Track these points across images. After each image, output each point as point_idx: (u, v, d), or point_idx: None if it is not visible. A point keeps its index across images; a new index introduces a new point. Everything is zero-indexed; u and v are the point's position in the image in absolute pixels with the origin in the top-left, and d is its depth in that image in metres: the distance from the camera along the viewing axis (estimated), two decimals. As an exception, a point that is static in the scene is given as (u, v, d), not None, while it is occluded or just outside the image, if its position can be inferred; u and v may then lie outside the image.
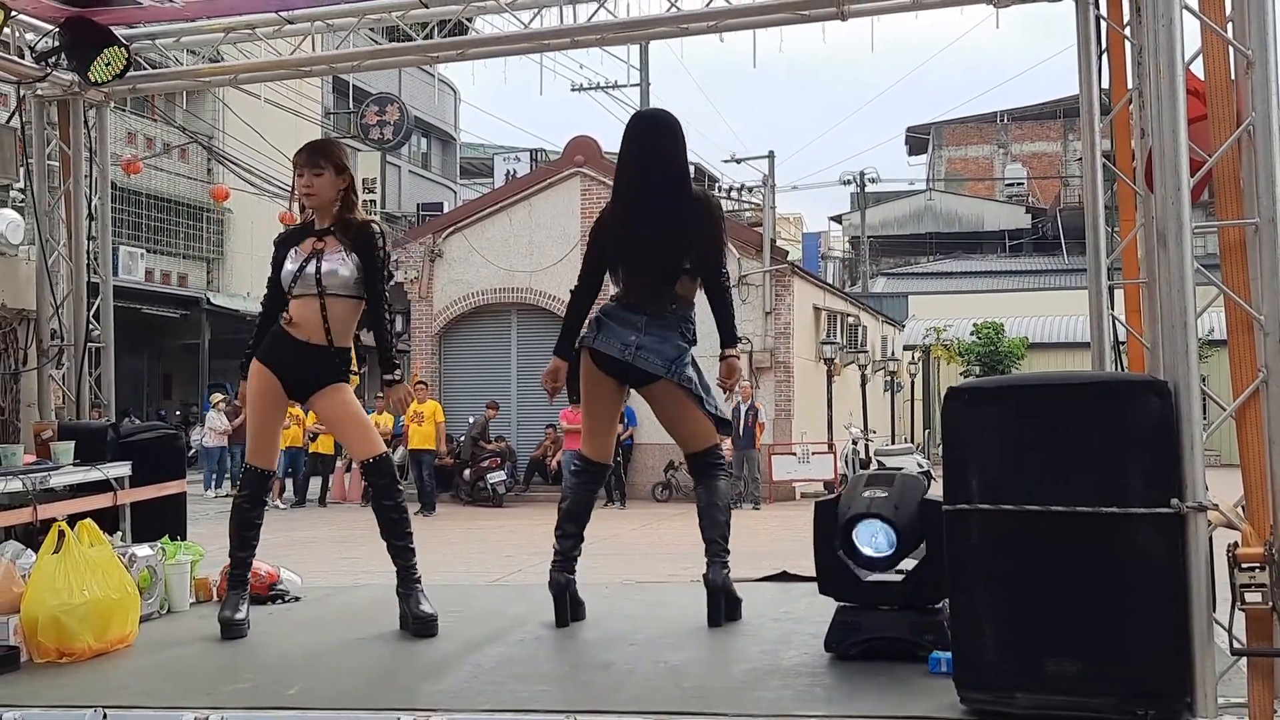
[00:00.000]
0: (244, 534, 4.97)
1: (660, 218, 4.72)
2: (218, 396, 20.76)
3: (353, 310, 4.88)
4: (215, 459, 20.48)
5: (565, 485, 5.15)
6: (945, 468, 3.49)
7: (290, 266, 4.84)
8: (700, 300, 4.82)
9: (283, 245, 4.96)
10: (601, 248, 4.90)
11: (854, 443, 20.81)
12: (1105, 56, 5.12)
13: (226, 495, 18.53)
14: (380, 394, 19.67)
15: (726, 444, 5.55)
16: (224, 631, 4.75)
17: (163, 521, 5.89)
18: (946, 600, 3.66)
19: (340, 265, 4.80)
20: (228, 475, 19.98)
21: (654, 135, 4.84)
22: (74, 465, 5.59)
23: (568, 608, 4.84)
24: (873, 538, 4.12)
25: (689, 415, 4.85)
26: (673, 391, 4.78)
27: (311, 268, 4.79)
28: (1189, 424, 3.23)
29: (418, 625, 4.73)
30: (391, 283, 5.28)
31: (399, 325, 23.07)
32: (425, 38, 6.27)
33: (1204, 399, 3.37)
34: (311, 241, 4.86)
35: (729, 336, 4.85)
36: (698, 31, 6.00)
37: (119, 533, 5.68)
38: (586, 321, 4.90)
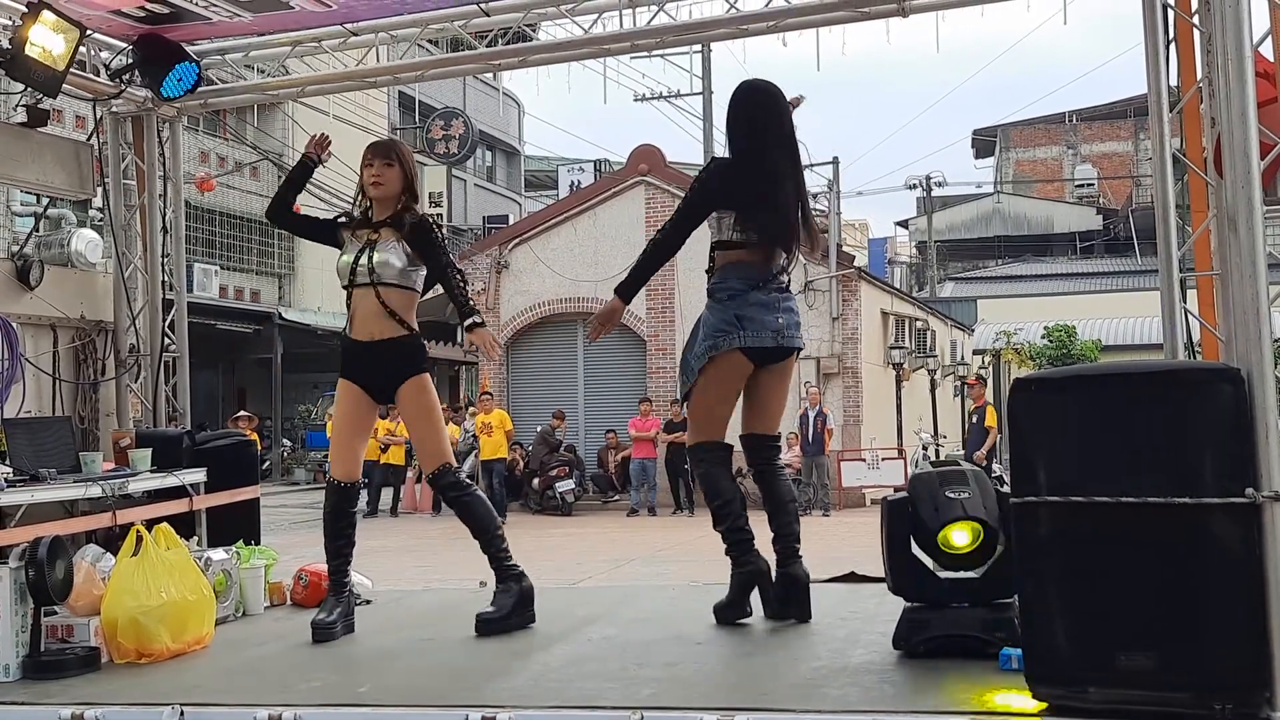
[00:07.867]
0: (335, 544, 5.04)
1: (791, 184, 4.76)
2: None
3: (409, 299, 4.93)
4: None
5: (713, 485, 4.84)
6: (1012, 460, 3.44)
7: (346, 257, 4.95)
8: None
9: (343, 223, 5.07)
10: (714, 206, 4.74)
11: (924, 448, 20.56)
12: (1173, 47, 5.03)
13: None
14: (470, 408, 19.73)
15: (795, 451, 5.53)
16: (313, 634, 4.81)
17: (237, 526, 6.01)
18: (1018, 596, 3.62)
19: (393, 255, 4.86)
20: None
21: (772, 101, 4.83)
22: (151, 472, 5.72)
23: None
24: (963, 538, 4.06)
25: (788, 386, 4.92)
26: (792, 360, 4.85)
27: (365, 258, 4.87)
28: (1264, 411, 3.18)
29: (478, 624, 4.77)
30: None
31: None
32: (487, 46, 6.32)
33: (1280, 388, 3.30)
34: (366, 232, 4.95)
35: None
36: (758, 32, 5.98)
37: (195, 537, 5.80)
38: (726, 320, 4.66)
